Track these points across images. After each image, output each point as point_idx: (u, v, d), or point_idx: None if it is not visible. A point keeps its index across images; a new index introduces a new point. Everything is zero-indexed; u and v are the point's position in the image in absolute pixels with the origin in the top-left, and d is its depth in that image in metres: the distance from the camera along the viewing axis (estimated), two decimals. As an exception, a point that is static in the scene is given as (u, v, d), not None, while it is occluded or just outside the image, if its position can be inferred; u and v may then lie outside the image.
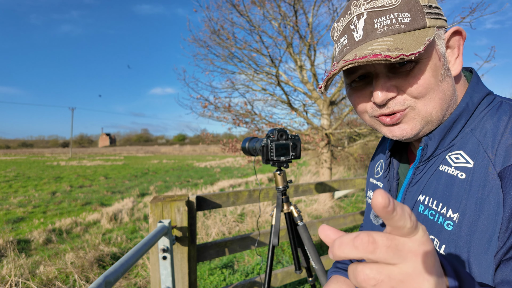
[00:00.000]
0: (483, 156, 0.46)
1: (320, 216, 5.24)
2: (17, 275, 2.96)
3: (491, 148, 0.46)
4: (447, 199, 0.48)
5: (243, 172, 13.76)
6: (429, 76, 0.47)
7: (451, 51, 0.50)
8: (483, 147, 0.47)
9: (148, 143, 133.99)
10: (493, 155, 0.45)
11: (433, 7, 0.48)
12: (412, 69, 0.47)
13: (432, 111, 0.49)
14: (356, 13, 0.50)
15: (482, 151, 0.47)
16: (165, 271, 1.31)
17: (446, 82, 0.49)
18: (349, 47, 0.51)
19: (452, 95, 0.50)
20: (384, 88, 0.49)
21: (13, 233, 4.82)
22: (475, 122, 0.50)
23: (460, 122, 0.51)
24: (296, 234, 1.35)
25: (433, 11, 0.48)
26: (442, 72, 0.48)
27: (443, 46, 0.49)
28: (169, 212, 1.46)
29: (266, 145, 1.19)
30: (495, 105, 0.51)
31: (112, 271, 0.78)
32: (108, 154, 41.53)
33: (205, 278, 2.93)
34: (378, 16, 0.48)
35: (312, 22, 5.34)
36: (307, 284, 2.62)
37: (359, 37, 0.49)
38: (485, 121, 0.49)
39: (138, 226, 5.04)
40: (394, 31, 0.47)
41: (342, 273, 0.75)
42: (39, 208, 6.80)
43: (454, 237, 0.46)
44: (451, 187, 0.48)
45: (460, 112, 0.51)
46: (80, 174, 13.94)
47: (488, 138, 0.47)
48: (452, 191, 0.48)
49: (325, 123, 5.67)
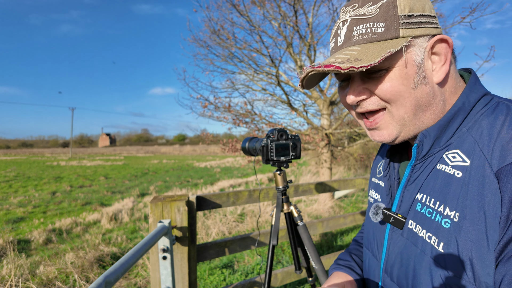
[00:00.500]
0: (480, 155, 0.47)
1: (320, 216, 5.24)
2: (17, 275, 2.96)
3: (487, 147, 0.46)
4: (444, 198, 0.49)
5: (243, 172, 13.77)
6: (398, 84, 0.49)
7: (438, 58, 0.51)
8: (479, 146, 0.47)
9: (148, 143, 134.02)
10: (489, 154, 0.46)
11: (416, 16, 0.49)
12: (383, 76, 0.50)
13: (404, 115, 0.51)
14: (342, 19, 0.54)
15: (478, 150, 0.47)
16: (165, 271, 1.31)
17: (420, 90, 0.50)
18: (333, 50, 0.56)
19: (430, 101, 0.51)
20: (355, 91, 0.53)
21: (13, 233, 4.82)
22: (472, 122, 0.51)
23: (456, 121, 0.51)
24: (296, 234, 1.35)
25: (414, 20, 0.49)
26: (415, 80, 0.50)
27: (420, 55, 0.50)
28: (169, 212, 1.46)
29: (266, 145, 1.19)
30: (492, 105, 0.51)
31: (112, 271, 0.78)
32: (108, 154, 41.53)
33: (205, 278, 2.93)
34: (358, 24, 0.51)
35: (312, 22, 5.34)
36: (307, 284, 2.62)
37: (340, 43, 0.54)
38: (481, 120, 0.50)
39: (138, 226, 5.05)
40: (366, 40, 0.50)
41: (343, 270, 0.76)
42: (39, 208, 6.80)
43: (452, 235, 0.46)
44: (448, 185, 0.49)
45: (456, 111, 0.51)
46: (80, 174, 13.94)
47: (484, 137, 0.48)
48: (449, 190, 0.49)
49: (325, 123, 5.67)
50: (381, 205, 0.63)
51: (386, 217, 0.60)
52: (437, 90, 0.52)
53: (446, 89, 0.53)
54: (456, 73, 0.55)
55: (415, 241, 0.53)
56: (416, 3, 0.50)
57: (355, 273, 0.74)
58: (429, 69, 0.51)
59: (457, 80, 0.55)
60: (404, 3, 0.49)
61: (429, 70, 0.51)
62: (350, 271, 0.75)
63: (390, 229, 0.60)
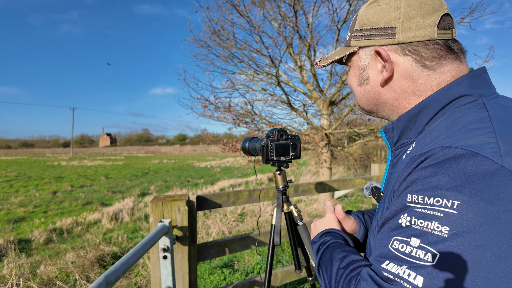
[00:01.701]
0: (421, 143, 0.53)
1: (320, 215, 5.24)
2: (18, 274, 2.97)
3: (429, 136, 0.52)
4: (395, 178, 0.56)
5: (243, 172, 13.77)
6: (350, 79, 0.69)
7: (381, 65, 0.60)
8: (426, 136, 0.53)
9: (148, 143, 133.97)
10: (424, 142, 0.52)
11: (366, 30, 0.60)
12: (349, 70, 0.69)
13: (359, 102, 0.69)
14: None
15: (423, 139, 0.53)
16: (166, 270, 1.31)
17: (363, 87, 0.65)
18: None
19: (376, 98, 0.63)
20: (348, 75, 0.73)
21: (14, 233, 4.83)
22: (444, 117, 0.54)
23: (422, 115, 0.56)
24: (296, 233, 1.36)
25: (363, 34, 0.60)
26: (359, 79, 0.65)
27: (365, 61, 0.62)
28: (169, 212, 1.47)
29: (266, 145, 1.20)
30: (469, 103, 0.52)
31: (113, 270, 0.78)
32: (108, 154, 41.55)
33: (205, 277, 2.94)
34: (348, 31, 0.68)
35: (312, 22, 5.34)
36: (307, 283, 2.63)
37: None
38: (446, 117, 0.52)
39: (138, 225, 5.05)
40: (342, 44, 0.70)
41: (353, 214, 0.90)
42: (40, 207, 6.81)
43: (382, 205, 0.59)
44: (399, 169, 0.58)
45: (422, 107, 0.56)
46: (81, 174, 13.96)
47: (435, 129, 0.52)
48: (397, 173, 0.57)
49: (325, 123, 5.67)
50: (374, 184, 0.78)
51: (373, 193, 0.75)
52: (382, 90, 0.61)
53: (399, 90, 0.60)
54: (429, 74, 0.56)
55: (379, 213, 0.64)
56: (371, 19, 0.58)
57: (361, 222, 0.83)
58: (375, 73, 0.61)
59: (428, 81, 0.56)
60: (360, 19, 0.61)
61: (375, 73, 0.61)
62: (357, 218, 0.84)
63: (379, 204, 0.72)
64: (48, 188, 9.65)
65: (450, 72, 0.56)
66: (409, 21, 0.55)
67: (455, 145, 0.43)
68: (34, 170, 16.17)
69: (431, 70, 0.56)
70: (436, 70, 0.56)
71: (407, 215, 0.44)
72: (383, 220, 0.50)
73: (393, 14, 0.56)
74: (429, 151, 0.46)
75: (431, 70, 0.56)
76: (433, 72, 0.56)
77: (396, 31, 0.56)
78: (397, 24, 0.55)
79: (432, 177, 0.43)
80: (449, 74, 0.56)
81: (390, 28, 0.56)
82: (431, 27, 0.54)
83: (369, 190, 0.77)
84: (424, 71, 0.56)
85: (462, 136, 0.44)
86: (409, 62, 0.56)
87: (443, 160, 0.43)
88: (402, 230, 0.44)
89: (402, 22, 0.55)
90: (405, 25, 0.55)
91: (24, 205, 7.05)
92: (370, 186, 0.77)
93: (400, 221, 0.45)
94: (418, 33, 0.54)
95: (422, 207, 0.42)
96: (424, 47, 0.55)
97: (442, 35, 0.54)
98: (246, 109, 5.72)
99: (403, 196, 0.46)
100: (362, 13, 0.61)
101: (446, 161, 0.43)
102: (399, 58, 0.57)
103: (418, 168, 0.46)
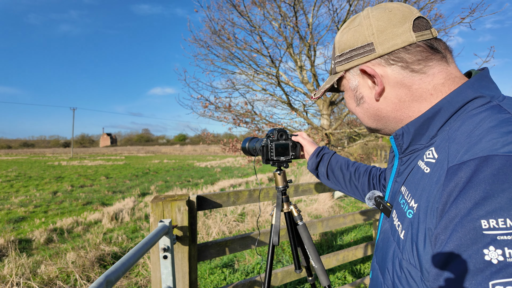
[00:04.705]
0: (445, 151, 0.48)
1: (320, 215, 5.24)
2: (18, 274, 2.98)
3: (455, 144, 0.47)
4: (415, 191, 0.53)
5: (243, 172, 13.77)
6: (348, 102, 0.69)
7: (371, 81, 0.60)
8: (448, 143, 0.49)
9: (149, 143, 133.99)
10: (452, 151, 0.46)
11: (346, 53, 0.62)
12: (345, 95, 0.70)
13: (362, 120, 0.68)
14: None
15: (446, 147, 0.49)
16: (166, 270, 1.31)
17: (361, 107, 0.65)
18: None
19: (378, 114, 0.63)
20: None
21: (14, 233, 4.84)
22: (459, 122, 0.51)
23: (435, 120, 0.54)
24: (296, 233, 1.36)
25: (344, 58, 0.62)
26: (355, 101, 0.66)
27: (354, 82, 0.64)
28: (169, 212, 1.47)
29: (266, 145, 1.20)
30: (484, 106, 0.50)
31: (113, 270, 0.78)
32: (109, 154, 41.57)
33: (205, 277, 2.94)
34: None
35: (312, 22, 5.34)
36: (307, 283, 2.63)
37: None
38: (465, 120, 0.50)
39: (139, 225, 5.06)
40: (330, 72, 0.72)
41: None
42: (40, 207, 6.82)
43: (410, 224, 0.51)
44: (419, 180, 0.53)
45: (436, 111, 0.54)
46: (81, 174, 13.97)
47: (457, 135, 0.48)
48: (419, 184, 0.52)
49: (325, 123, 5.67)
50: (376, 193, 0.73)
51: (377, 203, 0.69)
52: (379, 105, 0.61)
53: (397, 100, 0.58)
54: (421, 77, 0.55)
55: (392, 228, 0.58)
56: (348, 42, 0.61)
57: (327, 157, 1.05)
58: (367, 90, 0.62)
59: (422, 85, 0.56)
60: (338, 45, 0.64)
61: (367, 90, 0.62)
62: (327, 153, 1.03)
63: (383, 216, 0.67)
64: (49, 188, 9.66)
65: (440, 74, 0.55)
66: (383, 33, 0.56)
67: (499, 152, 0.39)
68: (35, 170, 16.18)
69: (421, 73, 0.55)
70: (426, 72, 0.55)
71: (494, 247, 0.35)
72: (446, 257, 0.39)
73: (366, 32, 0.57)
74: (469, 161, 0.41)
75: (421, 74, 0.55)
76: (424, 75, 0.55)
77: (375, 45, 0.57)
78: (373, 39, 0.57)
79: (503, 193, 0.36)
80: (440, 76, 0.55)
81: (368, 44, 0.58)
82: (407, 32, 0.54)
83: (372, 200, 0.72)
84: (415, 75, 0.56)
85: (498, 141, 0.41)
86: (396, 71, 0.56)
87: (499, 170, 0.37)
88: (496, 269, 0.34)
89: (377, 36, 0.56)
90: (381, 38, 0.56)
91: (24, 205, 7.05)
92: (373, 196, 0.72)
93: (486, 258, 0.35)
94: (396, 41, 0.55)
95: (508, 233, 0.34)
96: (406, 53, 0.55)
97: (421, 36, 0.54)
98: (246, 109, 5.72)
99: (469, 223, 0.37)
100: (338, 40, 0.64)
101: (502, 172, 0.37)
102: (386, 69, 0.57)
103: (471, 184, 0.39)
